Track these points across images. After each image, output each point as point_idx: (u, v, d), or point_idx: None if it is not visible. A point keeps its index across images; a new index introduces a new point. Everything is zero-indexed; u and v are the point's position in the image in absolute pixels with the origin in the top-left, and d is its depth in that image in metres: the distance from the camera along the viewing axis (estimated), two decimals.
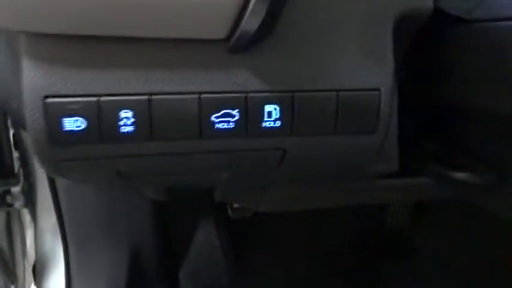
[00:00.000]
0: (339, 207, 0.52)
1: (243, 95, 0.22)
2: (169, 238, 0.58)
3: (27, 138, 0.46)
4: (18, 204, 0.50)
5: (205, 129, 0.22)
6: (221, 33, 0.21)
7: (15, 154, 0.49)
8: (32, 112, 0.21)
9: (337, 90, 0.23)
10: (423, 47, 0.28)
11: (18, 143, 0.48)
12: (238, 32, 0.20)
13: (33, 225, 0.52)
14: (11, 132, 0.49)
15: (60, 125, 0.21)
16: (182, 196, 0.54)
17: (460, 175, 0.28)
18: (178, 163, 0.24)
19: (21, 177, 0.50)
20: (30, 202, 0.51)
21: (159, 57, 0.21)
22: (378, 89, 0.24)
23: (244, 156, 0.24)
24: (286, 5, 0.21)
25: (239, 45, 0.21)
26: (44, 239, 0.50)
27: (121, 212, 0.48)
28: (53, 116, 0.20)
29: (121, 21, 0.20)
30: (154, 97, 0.21)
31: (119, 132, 0.21)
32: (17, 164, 0.50)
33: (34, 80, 0.20)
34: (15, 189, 0.50)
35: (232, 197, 0.43)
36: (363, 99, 0.24)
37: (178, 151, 0.23)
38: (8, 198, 0.50)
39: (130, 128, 0.21)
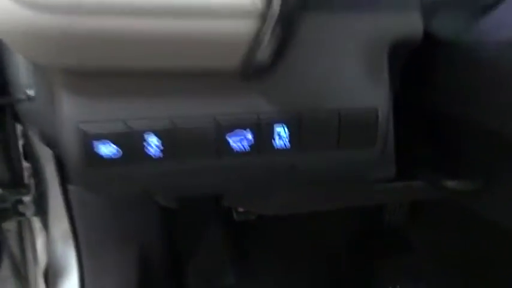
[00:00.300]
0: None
1: (255, 116, 0.25)
2: (175, 239, 0.59)
3: (40, 148, 0.48)
4: (29, 213, 0.52)
5: (222, 148, 0.25)
6: (234, 65, 0.23)
7: (25, 164, 0.51)
8: (66, 136, 0.23)
9: (339, 110, 0.26)
10: (416, 63, 0.31)
11: (29, 154, 0.50)
12: (251, 63, 0.23)
13: (43, 232, 0.53)
14: (21, 142, 0.50)
15: (91, 148, 0.23)
16: (187, 199, 0.56)
17: (450, 183, 0.31)
18: (197, 179, 0.26)
19: (32, 187, 0.52)
20: (42, 211, 0.52)
21: (178, 84, 0.24)
22: (375, 108, 0.27)
23: (256, 171, 0.27)
24: (294, 35, 0.24)
25: (251, 73, 0.24)
26: (55, 246, 0.52)
27: (130, 218, 0.50)
28: (85, 139, 0.23)
29: (143, 56, 0.22)
30: (175, 120, 0.24)
31: (145, 153, 0.23)
32: (26, 174, 0.51)
33: (69, 108, 0.23)
34: (27, 199, 0.51)
35: (239, 202, 0.45)
36: (362, 117, 0.26)
37: (198, 169, 0.25)
38: (20, 208, 0.52)
39: (155, 150, 0.24)
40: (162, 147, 0.24)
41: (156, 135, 0.23)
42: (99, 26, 0.20)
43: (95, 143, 0.23)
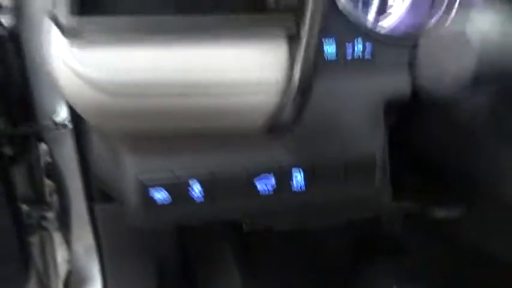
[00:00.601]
0: None
1: (277, 164, 0.30)
2: (184, 244, 0.63)
3: (63, 168, 0.52)
4: (52, 228, 0.56)
5: (250, 191, 0.30)
6: (260, 126, 0.28)
7: (48, 182, 0.55)
8: (127, 185, 0.28)
9: (345, 157, 0.31)
10: (407, 111, 0.36)
11: (51, 172, 0.54)
12: (274, 125, 0.28)
13: (63, 245, 0.57)
14: (43, 161, 0.55)
15: (148, 194, 0.28)
16: None
17: (438, 212, 0.36)
18: (227, 214, 0.32)
19: (55, 204, 0.56)
20: (64, 226, 0.56)
21: (215, 140, 0.29)
22: (374, 153, 0.32)
23: (275, 207, 0.32)
24: (310, 99, 0.29)
25: (275, 131, 0.29)
26: (78, 260, 0.56)
27: (150, 232, 0.54)
28: (143, 188, 0.28)
29: (186, 123, 0.27)
30: (214, 170, 0.29)
31: (190, 197, 0.29)
32: (48, 191, 0.55)
33: (129, 162, 0.28)
34: (50, 215, 0.56)
35: (249, 219, 0.50)
36: (363, 162, 0.32)
37: (230, 208, 0.31)
38: (44, 223, 0.56)
39: (198, 195, 0.29)
40: (203, 193, 0.29)
41: (199, 182, 0.28)
42: (154, 105, 0.25)
43: (151, 190, 0.28)
